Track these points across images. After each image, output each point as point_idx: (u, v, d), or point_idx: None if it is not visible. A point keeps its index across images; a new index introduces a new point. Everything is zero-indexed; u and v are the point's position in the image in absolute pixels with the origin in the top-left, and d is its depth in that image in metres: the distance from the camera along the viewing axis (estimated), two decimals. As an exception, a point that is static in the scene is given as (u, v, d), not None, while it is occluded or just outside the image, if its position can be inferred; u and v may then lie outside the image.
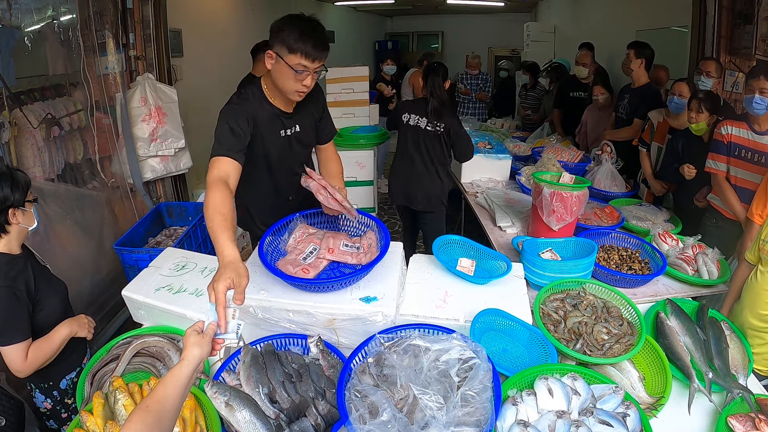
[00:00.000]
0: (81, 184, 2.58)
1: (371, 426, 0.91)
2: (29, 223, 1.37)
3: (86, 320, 1.52)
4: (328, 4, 7.66)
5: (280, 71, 1.42)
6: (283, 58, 1.39)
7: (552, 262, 1.63)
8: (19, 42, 2.13)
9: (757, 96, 1.89)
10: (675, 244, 1.98)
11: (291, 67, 1.38)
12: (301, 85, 1.43)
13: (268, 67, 1.46)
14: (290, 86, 1.44)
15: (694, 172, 2.27)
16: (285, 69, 1.40)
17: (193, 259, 1.64)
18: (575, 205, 1.93)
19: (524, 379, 1.15)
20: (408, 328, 1.23)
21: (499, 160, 3.13)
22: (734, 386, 1.22)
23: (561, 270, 1.61)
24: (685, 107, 2.41)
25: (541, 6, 7.82)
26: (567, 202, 1.92)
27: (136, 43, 2.95)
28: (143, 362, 1.31)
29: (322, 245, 1.47)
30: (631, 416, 1.04)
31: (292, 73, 1.39)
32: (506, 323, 1.35)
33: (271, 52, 1.42)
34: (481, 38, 9.28)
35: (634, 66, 3.02)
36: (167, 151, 3.04)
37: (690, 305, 1.53)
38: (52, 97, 2.37)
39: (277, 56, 1.40)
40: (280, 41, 1.38)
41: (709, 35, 2.87)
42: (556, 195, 1.92)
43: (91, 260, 2.53)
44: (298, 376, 1.19)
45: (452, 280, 1.51)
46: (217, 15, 4.56)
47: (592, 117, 3.66)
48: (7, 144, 2.03)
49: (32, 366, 1.34)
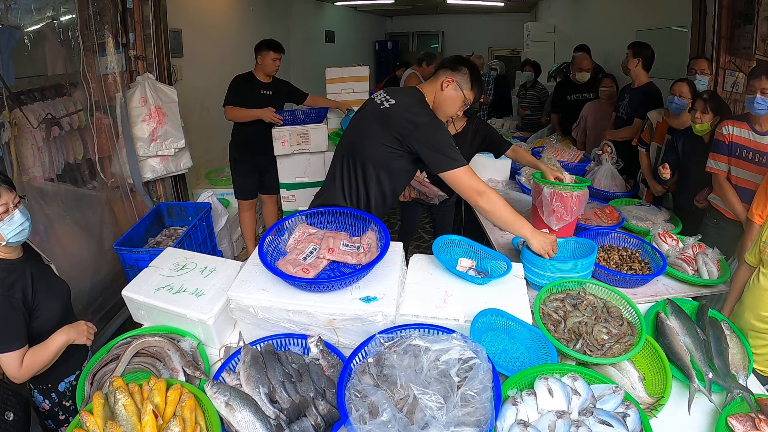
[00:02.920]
0: (81, 184, 2.58)
1: (371, 426, 0.91)
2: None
3: (85, 327, 1.50)
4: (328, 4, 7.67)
5: (456, 98, 1.69)
6: (462, 90, 1.68)
7: (552, 261, 1.62)
8: (19, 42, 2.13)
9: (758, 96, 1.89)
10: (675, 244, 1.98)
11: (466, 98, 1.69)
12: (456, 114, 1.74)
13: (442, 89, 1.69)
14: (454, 110, 1.71)
15: (668, 173, 2.34)
16: (460, 98, 1.69)
17: (193, 259, 1.64)
18: (575, 205, 1.93)
19: (524, 379, 1.15)
20: (408, 328, 1.23)
21: (499, 160, 3.12)
22: (734, 386, 1.22)
23: (561, 270, 1.61)
24: (686, 107, 2.42)
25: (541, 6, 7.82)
26: (567, 202, 1.92)
27: (136, 43, 2.95)
28: (143, 362, 1.31)
29: (322, 245, 1.47)
30: (631, 416, 1.04)
31: (462, 104, 1.70)
32: (506, 323, 1.35)
33: (452, 79, 1.67)
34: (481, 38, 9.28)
35: (631, 65, 3.02)
36: (167, 151, 3.04)
37: (690, 305, 1.53)
38: (52, 97, 2.37)
39: (458, 86, 1.67)
40: (465, 77, 1.67)
41: (709, 35, 2.87)
42: (556, 195, 1.92)
43: (91, 260, 2.52)
44: (298, 376, 1.19)
45: (452, 280, 1.51)
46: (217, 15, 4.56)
47: (592, 114, 3.65)
48: (7, 144, 2.03)
49: (28, 373, 1.34)
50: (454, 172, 1.57)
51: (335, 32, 8.04)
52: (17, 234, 1.32)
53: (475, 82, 1.68)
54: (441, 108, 1.71)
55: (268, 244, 1.46)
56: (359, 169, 1.70)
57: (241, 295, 1.34)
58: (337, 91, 3.86)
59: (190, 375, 1.26)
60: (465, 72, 1.67)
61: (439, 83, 1.69)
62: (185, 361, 1.28)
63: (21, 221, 1.32)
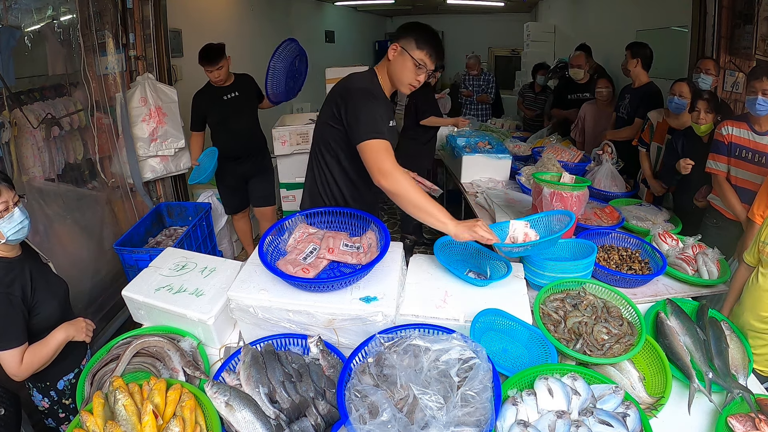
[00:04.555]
0: (81, 184, 2.58)
1: (371, 426, 0.91)
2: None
3: (84, 324, 1.51)
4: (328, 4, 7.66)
5: (404, 63, 1.57)
6: (409, 52, 1.55)
7: (552, 262, 1.62)
8: (19, 42, 2.13)
9: (760, 97, 1.88)
10: (675, 244, 1.98)
11: (415, 60, 1.54)
12: (415, 80, 1.59)
13: (389, 58, 1.59)
14: (407, 78, 1.58)
15: (690, 166, 2.26)
16: (409, 62, 1.55)
17: (193, 259, 1.64)
18: (575, 205, 1.93)
19: (524, 379, 1.15)
20: (408, 328, 1.23)
21: (499, 160, 3.13)
22: (734, 386, 1.22)
23: (561, 270, 1.61)
24: (686, 107, 2.42)
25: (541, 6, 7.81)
26: (567, 202, 1.91)
27: (136, 43, 2.96)
28: (143, 362, 1.31)
29: (322, 245, 1.47)
30: (631, 416, 1.04)
31: (414, 68, 1.56)
32: (506, 323, 1.35)
33: (397, 45, 1.57)
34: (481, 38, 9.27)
35: (630, 66, 3.03)
36: (167, 151, 3.05)
37: (690, 305, 1.53)
38: (52, 97, 2.37)
39: (403, 50, 1.55)
40: (409, 37, 1.55)
41: (709, 35, 2.87)
42: (556, 195, 1.92)
43: (91, 260, 2.53)
44: (298, 376, 1.19)
45: (452, 280, 1.51)
46: (217, 15, 4.56)
47: (591, 114, 3.65)
48: (7, 144, 2.03)
49: (28, 370, 1.34)
50: (364, 144, 1.45)
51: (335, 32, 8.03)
52: (16, 232, 1.34)
53: (422, 41, 1.54)
54: (395, 78, 1.61)
55: (268, 244, 1.46)
56: (322, 160, 1.69)
57: (241, 295, 1.34)
58: (337, 91, 3.85)
59: (190, 375, 1.26)
60: (408, 35, 1.56)
61: (388, 56, 1.61)
62: (185, 361, 1.28)
63: (20, 219, 1.34)
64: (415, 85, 1.61)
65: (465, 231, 1.37)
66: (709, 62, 2.56)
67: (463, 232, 1.37)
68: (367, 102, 1.52)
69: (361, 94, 1.54)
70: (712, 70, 2.52)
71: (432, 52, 1.56)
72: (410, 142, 3.74)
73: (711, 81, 2.51)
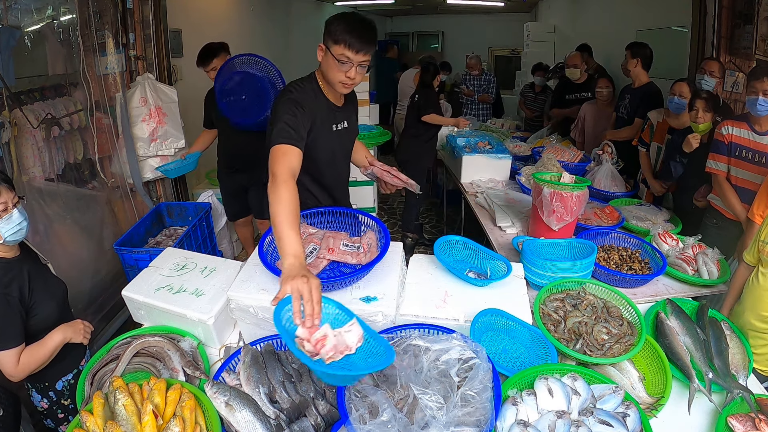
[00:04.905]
0: (81, 184, 2.58)
1: (371, 426, 0.91)
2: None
3: (82, 325, 1.51)
4: (328, 4, 7.66)
5: (328, 62, 1.48)
6: (329, 50, 1.45)
7: (552, 262, 1.63)
8: (19, 42, 2.13)
9: (761, 98, 1.88)
10: (675, 244, 1.98)
11: (335, 57, 1.43)
12: (345, 77, 1.47)
13: (318, 59, 1.52)
14: (336, 77, 1.48)
15: (698, 141, 2.23)
16: (331, 60, 1.46)
17: (193, 259, 1.64)
18: (575, 205, 1.93)
19: (524, 379, 1.15)
20: (408, 328, 1.23)
21: (499, 160, 3.13)
22: (734, 386, 1.22)
23: (561, 270, 1.61)
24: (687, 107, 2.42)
25: (541, 6, 7.81)
26: (567, 202, 1.91)
27: (136, 43, 2.96)
28: (143, 362, 1.31)
29: (322, 245, 1.47)
30: (631, 416, 1.04)
31: (337, 64, 1.45)
32: (506, 323, 1.35)
33: (322, 44, 1.48)
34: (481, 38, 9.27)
35: (630, 66, 3.03)
36: (167, 151, 3.04)
37: (690, 305, 1.53)
38: (52, 97, 2.37)
39: (326, 48, 1.47)
40: (328, 33, 1.45)
41: (709, 35, 2.87)
42: (556, 195, 1.92)
43: (91, 260, 2.53)
44: (298, 376, 1.19)
45: (452, 280, 1.51)
46: (217, 15, 4.56)
47: (591, 114, 3.65)
48: (7, 144, 2.03)
49: (25, 371, 1.35)
50: (271, 148, 1.38)
51: (335, 32, 8.03)
52: (14, 233, 1.34)
53: (338, 34, 1.41)
54: (327, 78, 1.52)
55: (268, 244, 1.46)
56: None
57: (241, 295, 1.34)
58: (336, 91, 3.85)
59: (190, 375, 1.26)
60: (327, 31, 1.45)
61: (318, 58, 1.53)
62: (185, 361, 1.28)
63: (19, 221, 1.34)
64: (346, 83, 1.49)
65: (289, 281, 1.05)
66: (713, 64, 2.52)
67: (287, 281, 1.05)
68: (283, 107, 1.45)
69: (280, 101, 1.48)
70: (716, 72, 2.49)
71: (350, 42, 1.41)
72: (412, 140, 3.74)
73: (714, 83, 2.49)
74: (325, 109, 1.58)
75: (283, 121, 1.41)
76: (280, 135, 1.38)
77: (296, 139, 1.40)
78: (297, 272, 1.07)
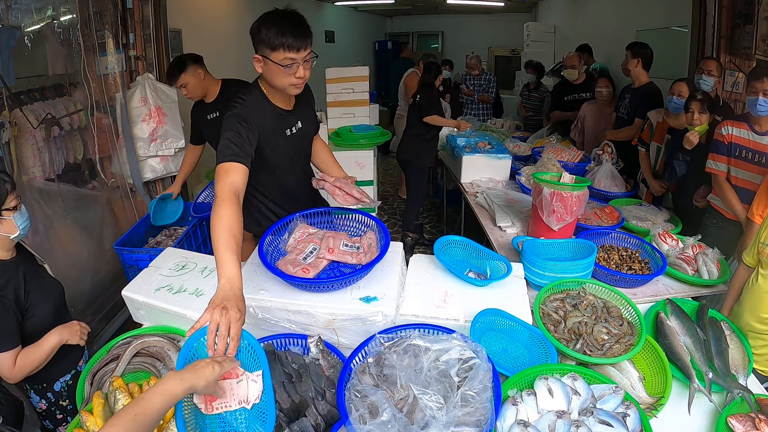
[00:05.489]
0: (81, 184, 2.58)
1: (371, 426, 0.91)
2: (10, 232, 1.33)
3: (78, 327, 1.51)
4: (328, 4, 7.67)
5: (271, 71, 1.41)
6: (269, 58, 1.38)
7: (552, 262, 1.63)
8: (19, 42, 2.13)
9: (761, 98, 1.88)
10: (675, 244, 1.98)
11: (278, 64, 1.37)
12: (294, 78, 1.41)
13: (258, 70, 1.45)
14: (284, 82, 1.42)
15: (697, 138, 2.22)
16: (274, 68, 1.39)
17: (193, 259, 1.64)
18: (575, 205, 1.93)
19: (524, 379, 1.15)
20: (408, 328, 1.23)
21: (499, 160, 3.13)
22: (734, 386, 1.22)
23: (561, 270, 1.61)
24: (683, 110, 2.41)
25: (541, 6, 7.82)
26: (567, 202, 1.91)
27: (136, 43, 2.96)
28: (143, 362, 1.31)
29: (322, 245, 1.47)
30: (631, 416, 1.04)
31: (283, 70, 1.38)
32: (506, 323, 1.35)
33: (257, 55, 1.41)
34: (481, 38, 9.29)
35: (631, 66, 3.03)
36: (167, 151, 3.04)
37: (690, 305, 1.53)
38: (52, 97, 2.37)
39: (264, 58, 1.39)
40: (261, 42, 1.37)
41: (709, 35, 2.87)
42: (556, 195, 1.92)
43: (91, 260, 2.53)
44: (298, 376, 1.19)
45: (452, 280, 1.51)
46: (217, 15, 4.56)
47: (591, 114, 3.65)
48: (7, 144, 2.03)
49: (21, 373, 1.35)
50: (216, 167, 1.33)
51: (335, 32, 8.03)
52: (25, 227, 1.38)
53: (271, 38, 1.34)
54: (274, 85, 1.46)
55: (267, 244, 1.46)
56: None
57: (241, 295, 1.34)
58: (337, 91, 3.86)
59: (190, 375, 1.25)
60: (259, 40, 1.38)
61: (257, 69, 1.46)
62: (185, 361, 1.28)
63: (26, 215, 1.39)
64: (298, 84, 1.44)
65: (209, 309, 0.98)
66: (711, 63, 2.52)
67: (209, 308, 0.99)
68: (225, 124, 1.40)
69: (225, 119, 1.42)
70: (715, 71, 2.49)
71: (288, 43, 1.34)
72: (414, 140, 3.75)
73: (713, 83, 2.48)
74: (274, 117, 1.53)
75: (226, 138, 1.35)
76: (223, 153, 1.32)
77: (241, 156, 1.33)
78: (220, 301, 0.98)
